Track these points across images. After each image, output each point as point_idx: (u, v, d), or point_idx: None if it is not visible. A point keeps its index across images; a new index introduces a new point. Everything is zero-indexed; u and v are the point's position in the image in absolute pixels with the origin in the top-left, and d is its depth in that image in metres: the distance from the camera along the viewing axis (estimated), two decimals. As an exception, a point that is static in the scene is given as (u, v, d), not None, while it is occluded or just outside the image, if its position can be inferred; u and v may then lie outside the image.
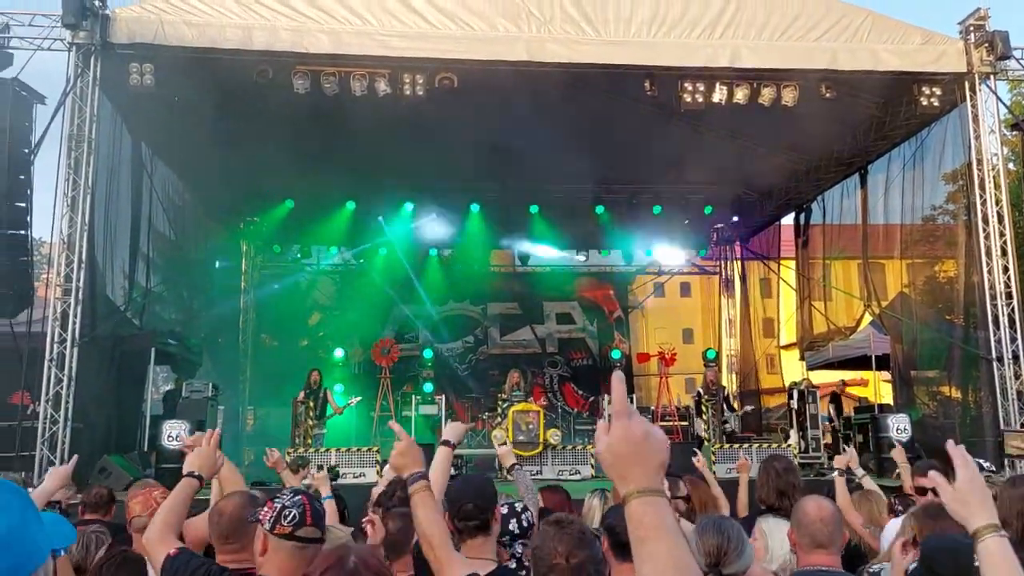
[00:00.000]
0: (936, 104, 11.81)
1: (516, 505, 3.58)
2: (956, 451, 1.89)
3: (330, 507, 4.88)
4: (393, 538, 3.46)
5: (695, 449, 6.90)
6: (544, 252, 19.80)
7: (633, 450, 1.36)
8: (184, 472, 3.18)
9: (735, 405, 13.81)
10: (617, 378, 1.46)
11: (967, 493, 1.80)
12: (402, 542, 3.39)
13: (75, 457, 3.78)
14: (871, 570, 3.36)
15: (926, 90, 11.71)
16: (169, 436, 11.04)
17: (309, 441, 12.68)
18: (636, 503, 1.33)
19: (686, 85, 11.45)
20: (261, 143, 13.19)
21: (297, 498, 2.65)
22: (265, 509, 2.65)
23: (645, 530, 1.30)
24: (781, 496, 4.49)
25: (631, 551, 3.21)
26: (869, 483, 5.36)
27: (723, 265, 21.04)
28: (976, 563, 1.79)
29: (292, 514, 2.59)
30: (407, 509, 3.64)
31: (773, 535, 3.85)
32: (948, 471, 1.92)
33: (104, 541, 4.14)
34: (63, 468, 3.62)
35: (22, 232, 10.50)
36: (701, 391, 13.98)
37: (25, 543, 1.16)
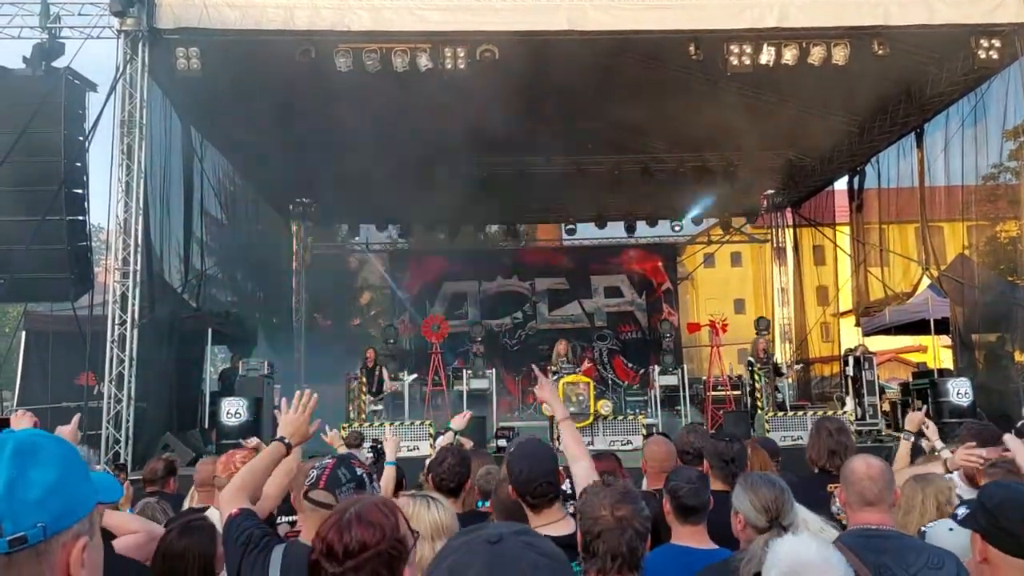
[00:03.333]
0: (995, 57, 11.33)
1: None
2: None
3: (389, 472, 4.97)
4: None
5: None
6: (591, 224, 19.69)
7: None
8: (277, 436, 3.11)
9: (784, 372, 13.60)
10: None
11: None
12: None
13: (77, 415, 3.73)
14: (922, 529, 3.30)
15: (984, 42, 11.23)
16: (228, 413, 11.30)
17: (363, 416, 12.89)
18: None
19: (732, 48, 11.18)
20: (306, 123, 13.32)
21: (325, 461, 2.65)
22: None
23: None
24: (832, 455, 4.39)
25: (693, 513, 3.20)
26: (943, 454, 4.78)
27: (774, 233, 20.66)
28: None
29: (311, 475, 2.60)
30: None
31: None
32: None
33: (163, 510, 4.28)
34: (67, 428, 3.55)
35: (80, 218, 10.80)
36: (752, 359, 13.81)
37: (74, 492, 1.25)
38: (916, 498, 3.45)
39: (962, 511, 2.38)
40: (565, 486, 3.46)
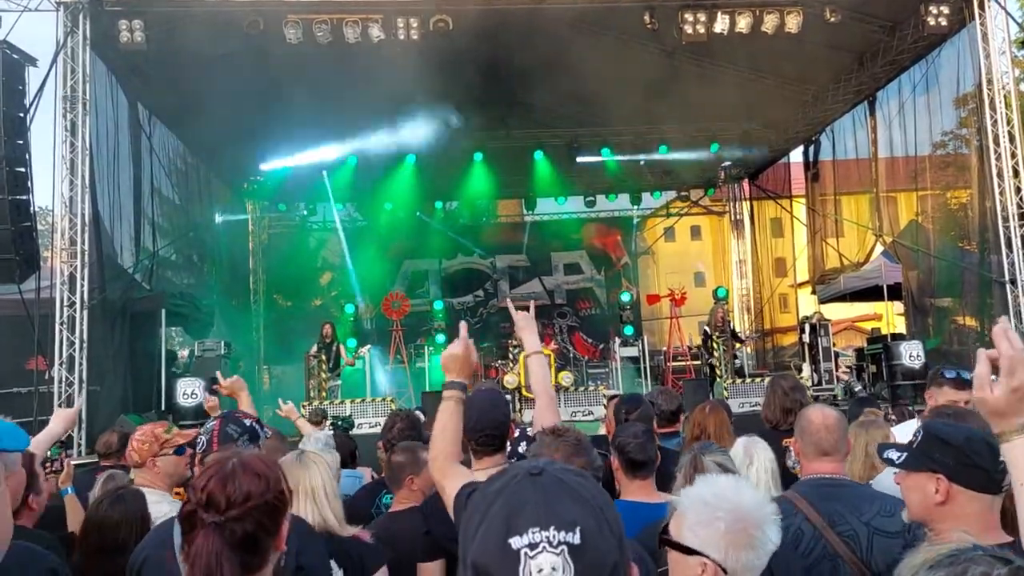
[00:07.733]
0: (944, 23, 11.48)
1: (527, 430, 3.62)
2: (1003, 336, 1.61)
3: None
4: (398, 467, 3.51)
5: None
6: (550, 199, 19.65)
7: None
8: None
9: (742, 339, 13.78)
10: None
11: (1008, 395, 1.59)
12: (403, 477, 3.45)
13: (80, 399, 3.73)
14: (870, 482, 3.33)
15: (933, 9, 11.38)
16: (184, 394, 11.12)
17: (323, 394, 12.77)
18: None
19: (687, 16, 11.19)
20: (257, 99, 13.03)
21: (210, 425, 2.62)
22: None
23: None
24: (787, 414, 4.43)
25: (641, 467, 3.19)
26: None
27: (732, 205, 20.81)
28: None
29: (201, 442, 2.58)
30: (409, 444, 3.69)
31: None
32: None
33: (117, 478, 4.14)
34: (69, 411, 3.56)
35: (24, 197, 10.43)
36: (708, 329, 13.93)
37: None
38: (857, 444, 3.53)
39: (895, 454, 2.32)
40: (522, 448, 3.45)
